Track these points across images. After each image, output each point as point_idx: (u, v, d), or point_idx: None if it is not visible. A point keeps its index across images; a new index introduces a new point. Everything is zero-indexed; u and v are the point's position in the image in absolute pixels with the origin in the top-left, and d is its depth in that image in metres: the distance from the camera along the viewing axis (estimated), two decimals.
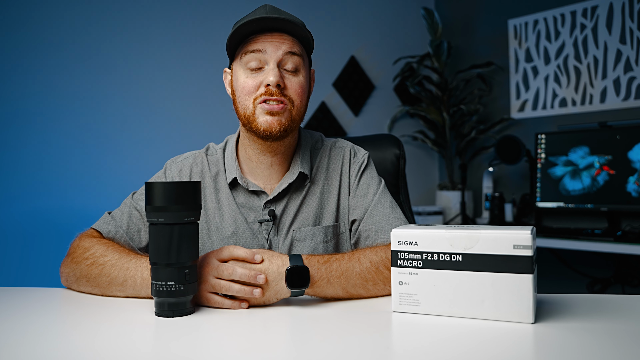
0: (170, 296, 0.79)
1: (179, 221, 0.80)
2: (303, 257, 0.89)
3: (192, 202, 0.81)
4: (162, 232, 0.80)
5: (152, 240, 0.81)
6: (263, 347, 0.68)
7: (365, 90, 3.10)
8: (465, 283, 0.76)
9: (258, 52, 1.00)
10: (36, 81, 2.05)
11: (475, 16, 3.26)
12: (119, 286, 0.92)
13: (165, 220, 0.79)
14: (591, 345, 0.65)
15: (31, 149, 2.04)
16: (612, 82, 2.69)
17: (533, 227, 0.76)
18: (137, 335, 0.73)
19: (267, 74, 1.00)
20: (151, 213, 0.80)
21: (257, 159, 1.08)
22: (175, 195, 0.79)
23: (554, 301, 0.85)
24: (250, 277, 0.83)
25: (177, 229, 0.80)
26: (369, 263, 0.92)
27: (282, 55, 1.00)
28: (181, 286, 0.79)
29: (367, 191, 1.12)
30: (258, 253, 0.86)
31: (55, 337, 0.72)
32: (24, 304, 0.92)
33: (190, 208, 0.80)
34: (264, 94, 1.00)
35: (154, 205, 0.79)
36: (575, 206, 2.50)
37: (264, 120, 1.00)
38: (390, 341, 0.71)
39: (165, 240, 0.79)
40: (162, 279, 0.79)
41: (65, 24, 2.12)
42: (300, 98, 1.03)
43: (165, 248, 0.79)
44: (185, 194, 0.80)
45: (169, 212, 0.79)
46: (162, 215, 0.79)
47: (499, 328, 0.71)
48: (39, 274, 1.90)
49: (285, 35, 1.01)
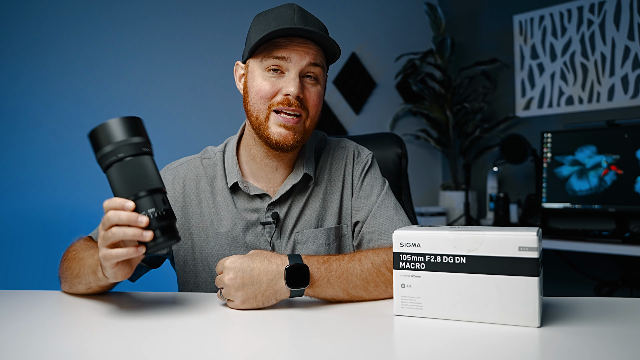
0: (162, 220, 0.79)
1: (139, 152, 0.80)
2: (302, 256, 0.89)
3: (143, 134, 0.82)
4: (127, 166, 0.79)
5: (119, 179, 0.79)
6: (262, 351, 0.68)
7: (366, 87, 3.10)
8: (469, 286, 0.76)
9: (282, 59, 0.99)
10: (26, 78, 2.05)
11: (480, 12, 3.26)
12: (76, 278, 0.95)
13: (126, 153, 0.79)
14: (599, 350, 0.65)
15: (22, 148, 2.04)
16: (619, 80, 2.69)
17: (539, 229, 0.76)
18: (134, 338, 0.73)
19: (287, 83, 0.99)
20: (108, 154, 0.79)
21: (262, 161, 1.08)
22: (128, 128, 0.80)
23: (560, 304, 0.85)
24: (125, 220, 0.78)
25: (140, 159, 0.80)
26: (370, 264, 0.92)
27: (306, 66, 1.00)
28: (162, 211, 0.79)
29: (371, 192, 1.11)
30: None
31: (46, 342, 0.72)
32: (13, 307, 0.92)
33: (144, 139, 0.81)
34: (281, 103, 1.00)
35: (110, 143, 0.79)
36: (582, 207, 2.50)
37: (277, 132, 1.01)
38: (392, 346, 0.71)
39: (132, 172, 0.79)
40: (141, 210, 0.78)
41: (58, 20, 2.12)
42: (317, 109, 1.04)
43: (135, 178, 0.79)
44: (135, 125, 0.81)
45: (127, 144, 0.79)
46: (120, 150, 0.79)
47: (504, 332, 0.71)
48: (28, 275, 1.90)
49: (311, 45, 1.00)
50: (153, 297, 0.98)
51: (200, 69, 2.46)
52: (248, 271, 0.85)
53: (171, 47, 2.39)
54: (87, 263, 0.92)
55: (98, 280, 0.90)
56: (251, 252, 0.90)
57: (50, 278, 1.16)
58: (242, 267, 0.85)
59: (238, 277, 0.85)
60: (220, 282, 0.87)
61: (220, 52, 2.50)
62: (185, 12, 2.44)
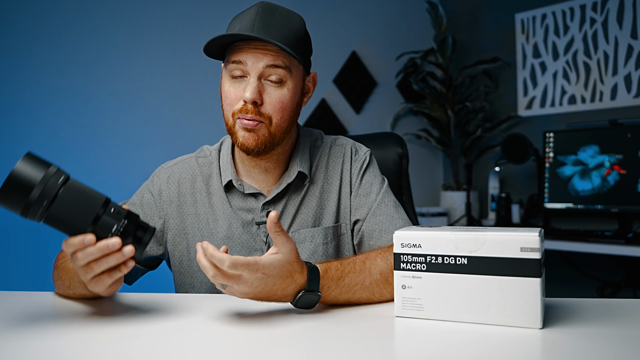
0: (129, 227, 0.77)
1: (63, 182, 0.74)
2: (320, 270, 0.85)
3: (49, 164, 0.74)
4: (63, 201, 0.73)
5: (63, 217, 0.74)
6: (262, 353, 0.68)
7: (367, 86, 3.10)
8: (471, 287, 0.76)
9: (239, 63, 0.98)
10: (22, 76, 2.04)
11: (481, 10, 3.26)
12: (68, 289, 0.97)
13: (54, 191, 0.73)
14: (602, 351, 0.65)
15: (18, 146, 2.03)
16: (622, 79, 2.69)
17: (541, 229, 0.76)
18: (130, 340, 0.73)
19: (245, 88, 0.98)
20: (36, 203, 0.72)
21: (250, 163, 1.08)
22: (35, 167, 0.73)
23: (562, 306, 0.85)
24: (98, 253, 0.75)
25: (68, 186, 0.74)
26: (379, 275, 0.92)
27: (264, 68, 0.98)
28: (124, 221, 0.76)
29: (370, 190, 1.11)
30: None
31: (41, 344, 0.72)
32: (6, 308, 0.92)
33: (51, 165, 0.74)
34: (240, 111, 0.99)
35: (31, 191, 0.71)
36: (584, 207, 2.50)
37: (242, 136, 1.00)
38: (393, 347, 0.71)
39: (72, 204, 0.74)
40: (107, 232, 0.75)
41: (55, 17, 2.11)
42: (280, 114, 1.00)
43: (80, 207, 0.74)
44: (37, 162, 0.74)
45: (48, 182, 0.72)
46: (47, 190, 0.72)
47: (506, 333, 0.71)
48: (20, 275, 1.90)
49: (270, 46, 0.98)
50: (149, 298, 0.98)
51: (198, 68, 2.46)
52: (271, 286, 0.80)
53: (169, 45, 2.39)
54: (76, 277, 0.92)
55: (91, 293, 0.92)
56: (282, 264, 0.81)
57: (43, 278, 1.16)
58: (267, 282, 0.79)
59: (259, 287, 0.79)
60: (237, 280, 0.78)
61: None
62: (183, 10, 2.44)
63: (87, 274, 0.77)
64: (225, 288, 0.80)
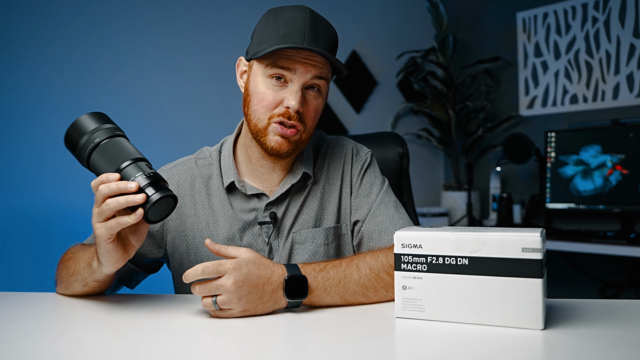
0: (151, 179, 0.80)
1: (113, 134, 0.86)
2: (299, 265, 0.89)
3: (113, 123, 0.88)
4: (105, 147, 0.84)
5: (100, 161, 0.83)
6: (261, 354, 0.68)
7: (367, 86, 3.10)
8: (472, 288, 0.76)
9: (287, 70, 0.98)
10: (18, 75, 2.04)
11: (482, 9, 3.26)
12: (72, 276, 0.96)
13: (102, 137, 0.84)
14: (604, 352, 0.65)
15: (14, 145, 2.03)
16: (625, 78, 2.69)
17: (543, 229, 0.76)
18: (129, 341, 0.73)
19: (290, 95, 0.99)
20: (84, 145, 0.84)
21: (259, 162, 1.08)
22: (96, 119, 0.87)
23: (564, 306, 0.85)
24: (115, 189, 0.79)
25: (115, 139, 0.85)
26: (368, 269, 0.92)
27: (310, 79, 1.00)
28: (149, 173, 0.81)
29: (371, 191, 1.12)
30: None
31: (40, 345, 0.72)
32: (6, 309, 0.92)
33: (115, 126, 0.88)
34: (282, 115, 0.99)
35: (84, 134, 0.84)
36: (586, 207, 2.50)
37: (274, 140, 1.01)
38: (394, 349, 0.71)
39: (111, 150, 0.83)
40: (131, 175, 0.80)
41: (51, 16, 2.11)
42: (314, 121, 1.04)
43: (115, 154, 0.83)
44: (102, 117, 0.88)
45: (100, 130, 0.85)
46: (94, 137, 0.84)
47: (507, 334, 0.71)
48: (19, 276, 1.90)
49: (318, 57, 0.99)
50: (149, 299, 0.98)
51: (198, 67, 2.46)
52: (254, 279, 0.83)
53: (168, 44, 2.39)
54: (83, 258, 0.94)
55: (93, 273, 0.90)
56: (249, 256, 0.86)
57: (43, 278, 1.16)
58: (248, 275, 0.82)
59: (245, 284, 0.82)
60: (220, 289, 0.81)
61: (218, 50, 2.50)
62: (183, 8, 2.44)
63: (101, 214, 0.79)
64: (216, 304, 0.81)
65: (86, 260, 0.92)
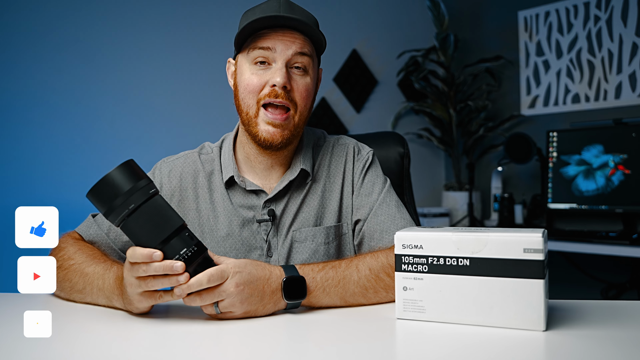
0: (195, 256, 0.79)
1: (149, 195, 0.79)
2: (297, 266, 0.89)
3: (144, 175, 0.79)
4: (144, 213, 0.78)
5: (139, 228, 0.78)
6: (261, 356, 0.68)
7: (367, 85, 3.10)
8: (473, 289, 0.76)
9: (267, 49, 1.00)
10: (16, 73, 2.04)
11: (484, 7, 3.26)
12: (79, 293, 0.93)
13: (138, 202, 0.77)
14: (606, 353, 0.65)
15: (12, 144, 2.03)
16: (627, 77, 2.69)
17: (544, 230, 0.76)
18: (129, 341, 0.73)
19: (274, 74, 1.00)
20: (118, 209, 0.77)
21: (256, 159, 1.09)
22: (129, 174, 0.77)
23: (566, 308, 0.85)
24: (161, 270, 0.77)
25: (152, 202, 0.79)
26: (367, 270, 0.92)
27: (292, 55, 1.01)
28: (193, 248, 0.79)
29: (372, 190, 1.12)
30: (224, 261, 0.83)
31: (38, 346, 0.72)
32: (6, 310, 0.92)
33: (147, 179, 0.79)
34: (269, 95, 1.00)
35: (118, 195, 0.76)
36: (588, 207, 2.50)
37: (265, 130, 1.01)
38: (394, 350, 0.71)
39: (151, 218, 0.78)
40: (173, 253, 0.78)
41: (49, 14, 2.11)
42: (305, 102, 1.04)
43: (157, 224, 0.78)
44: (133, 169, 0.79)
45: (135, 193, 0.77)
46: (130, 201, 0.77)
47: (509, 336, 0.71)
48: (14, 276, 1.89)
49: (297, 34, 1.01)
50: None
51: (195, 65, 2.46)
52: (254, 281, 0.83)
53: (166, 42, 2.39)
54: (95, 284, 0.91)
55: (111, 306, 0.90)
56: (247, 260, 0.86)
57: None
58: (249, 278, 0.82)
59: (246, 287, 0.82)
60: (222, 294, 0.80)
61: (216, 48, 2.49)
62: (180, 6, 2.44)
63: (140, 287, 0.79)
64: (217, 308, 0.81)
65: (102, 290, 0.89)
